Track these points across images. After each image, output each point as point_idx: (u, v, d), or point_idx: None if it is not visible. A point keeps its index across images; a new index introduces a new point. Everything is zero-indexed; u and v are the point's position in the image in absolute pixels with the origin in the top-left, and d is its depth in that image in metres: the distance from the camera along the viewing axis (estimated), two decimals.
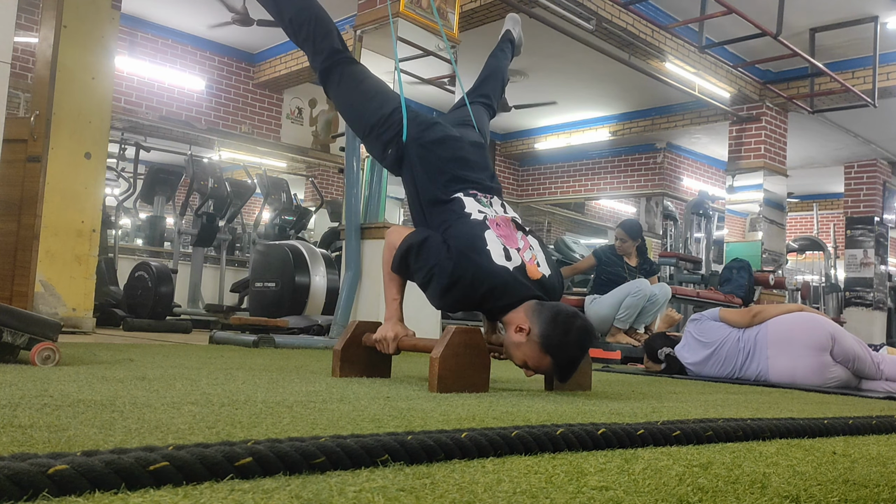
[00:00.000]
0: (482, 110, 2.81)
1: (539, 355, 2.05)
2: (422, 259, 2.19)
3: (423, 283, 2.22)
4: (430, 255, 2.18)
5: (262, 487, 0.78)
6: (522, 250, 2.21)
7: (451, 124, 2.59)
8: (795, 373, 3.31)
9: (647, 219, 11.48)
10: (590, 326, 2.13)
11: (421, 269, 2.20)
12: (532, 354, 2.06)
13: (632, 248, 5.56)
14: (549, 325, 2.04)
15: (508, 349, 2.15)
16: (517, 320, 2.10)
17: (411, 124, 2.46)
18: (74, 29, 4.33)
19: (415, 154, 2.43)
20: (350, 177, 4.87)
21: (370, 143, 2.58)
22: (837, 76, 7.45)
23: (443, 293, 2.15)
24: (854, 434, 1.57)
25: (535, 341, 2.04)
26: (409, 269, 2.25)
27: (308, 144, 9.88)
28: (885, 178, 11.35)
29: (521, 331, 2.08)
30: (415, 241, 2.23)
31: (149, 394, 1.57)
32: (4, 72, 2.69)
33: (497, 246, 2.17)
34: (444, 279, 2.13)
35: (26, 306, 3.99)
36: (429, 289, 2.21)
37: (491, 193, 2.40)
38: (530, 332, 2.05)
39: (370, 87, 2.57)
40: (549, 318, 2.05)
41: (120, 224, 7.80)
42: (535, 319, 2.07)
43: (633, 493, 0.87)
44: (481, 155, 2.52)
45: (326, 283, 5.56)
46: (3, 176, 4.22)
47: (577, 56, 7.94)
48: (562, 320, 2.04)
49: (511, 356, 2.15)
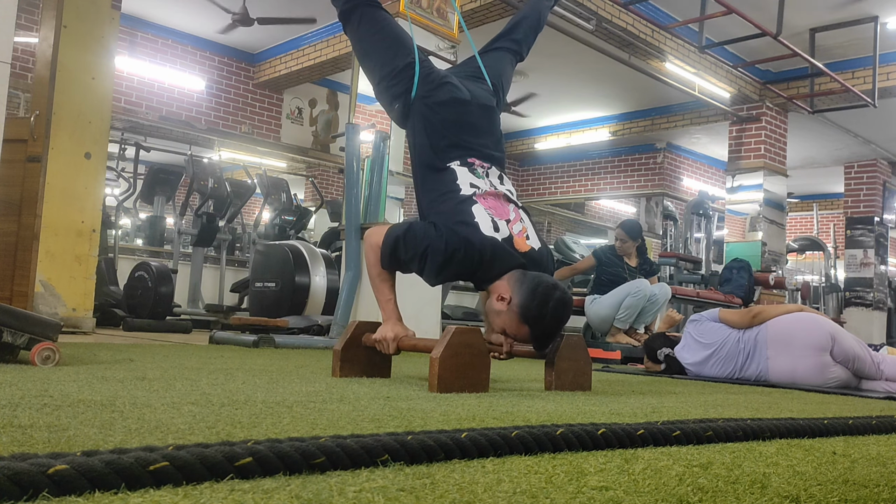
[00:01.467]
0: (507, 57, 2.73)
1: (517, 324, 2.13)
2: (411, 247, 2.21)
3: (419, 268, 2.24)
4: (419, 240, 2.20)
5: (262, 487, 0.78)
6: (512, 222, 2.24)
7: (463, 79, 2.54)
8: (795, 373, 3.31)
9: (647, 219, 11.48)
10: (568, 299, 2.17)
11: (414, 257, 2.21)
12: (511, 323, 2.14)
13: (632, 249, 5.56)
14: (529, 296, 2.10)
15: (488, 316, 2.23)
16: (500, 289, 2.16)
17: (422, 82, 2.43)
18: (74, 29, 4.33)
19: (420, 113, 2.42)
20: (350, 177, 4.87)
21: (380, 92, 2.57)
22: (837, 76, 7.45)
23: (440, 270, 2.19)
24: (854, 434, 1.57)
25: (514, 311, 2.11)
26: (399, 262, 2.26)
27: (308, 144, 9.88)
28: (885, 178, 11.35)
29: (502, 300, 2.14)
30: (399, 233, 2.24)
31: (149, 394, 1.57)
32: (4, 72, 2.69)
33: (485, 217, 2.20)
34: (438, 256, 2.16)
35: (26, 306, 3.99)
36: (425, 271, 2.23)
37: (490, 163, 2.38)
38: (511, 301, 2.12)
39: (388, 35, 2.53)
40: (529, 290, 2.10)
41: (120, 224, 7.80)
42: (516, 289, 2.13)
43: (633, 493, 0.87)
44: (489, 119, 2.49)
45: (326, 283, 5.55)
46: (3, 176, 4.22)
47: (577, 56, 7.94)
48: (541, 292, 2.10)
49: (490, 323, 2.23)
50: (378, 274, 2.31)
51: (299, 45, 8.68)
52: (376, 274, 2.32)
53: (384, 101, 2.56)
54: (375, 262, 2.30)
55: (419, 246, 2.19)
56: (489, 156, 2.39)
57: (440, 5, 5.36)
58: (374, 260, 2.30)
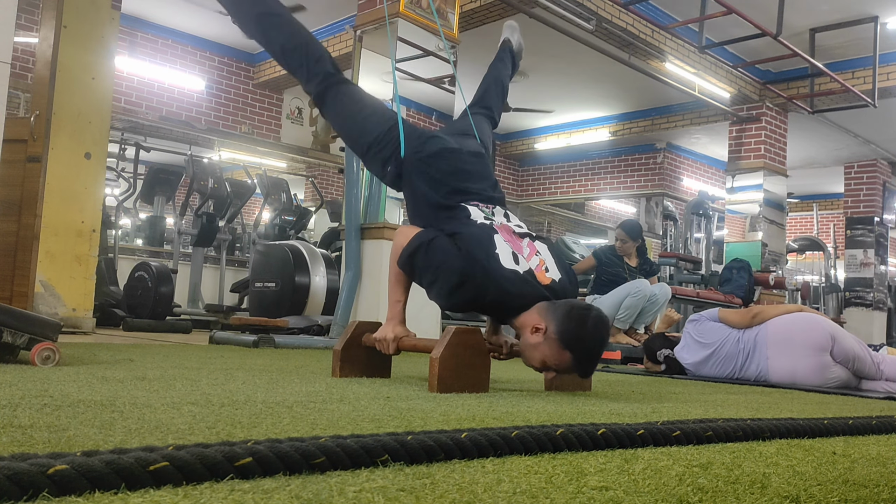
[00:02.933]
0: (483, 120, 2.81)
1: (558, 352, 2.04)
2: (430, 257, 2.17)
3: (429, 282, 2.19)
4: (438, 253, 2.15)
5: (262, 487, 0.78)
6: (528, 256, 2.20)
7: (449, 135, 2.59)
8: (795, 373, 3.31)
9: (647, 219, 11.48)
10: (605, 317, 2.11)
11: (428, 268, 2.17)
12: (551, 353, 2.05)
13: (632, 249, 5.56)
14: (565, 321, 2.03)
15: (526, 352, 2.12)
16: (531, 321, 2.09)
17: (409, 139, 2.46)
18: (74, 29, 4.33)
19: (414, 168, 2.43)
20: (350, 177, 4.87)
21: (369, 161, 2.58)
22: (837, 76, 7.45)
23: (451, 292, 2.12)
24: (854, 434, 1.57)
25: (553, 338, 2.03)
26: (413, 269, 2.22)
27: (308, 144, 9.88)
28: (885, 178, 11.35)
29: (537, 331, 2.06)
30: (424, 239, 2.21)
31: (149, 394, 1.57)
32: (4, 72, 2.69)
33: (506, 249, 2.16)
34: (453, 277, 2.10)
35: (26, 306, 3.99)
36: (435, 287, 2.17)
37: (493, 203, 2.40)
38: (546, 330, 2.04)
39: (365, 106, 2.58)
40: (563, 314, 2.04)
41: (120, 224, 7.80)
42: (549, 317, 2.06)
43: (633, 493, 0.87)
44: (482, 164, 2.52)
45: (326, 283, 5.55)
46: (3, 176, 4.22)
47: (577, 56, 7.94)
48: (576, 314, 2.04)
49: (529, 359, 2.13)
50: (395, 273, 2.28)
51: None
52: (394, 273, 2.29)
53: (375, 168, 2.57)
54: (394, 261, 2.28)
55: (436, 259, 2.15)
56: (490, 198, 2.42)
57: (440, 5, 5.36)
58: (394, 258, 2.28)
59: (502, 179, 12.36)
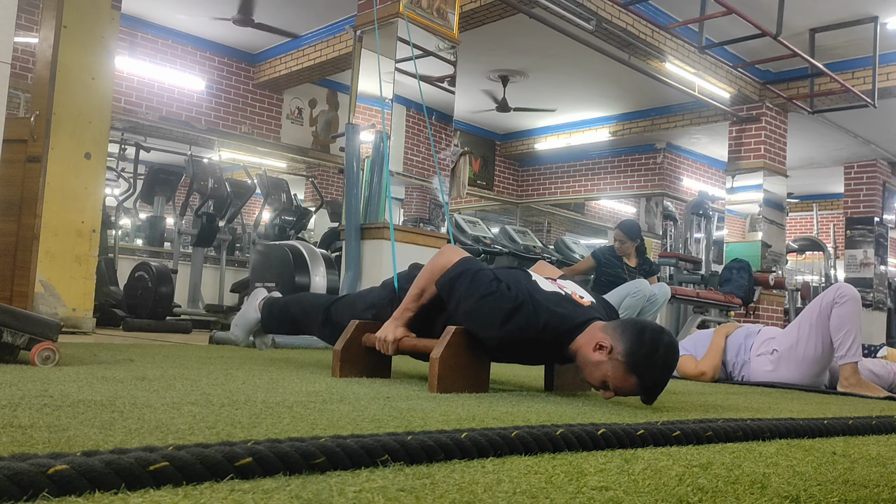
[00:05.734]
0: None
1: (623, 375, 1.90)
2: (474, 286, 2.09)
3: (469, 311, 2.09)
4: (483, 284, 2.09)
5: (262, 487, 0.78)
6: (561, 287, 2.21)
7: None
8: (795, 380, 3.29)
9: (647, 219, 11.48)
10: (676, 344, 1.99)
11: (471, 297, 2.08)
12: (615, 374, 1.91)
13: (631, 249, 5.56)
14: (636, 343, 1.90)
15: (586, 368, 2.00)
16: (595, 338, 1.97)
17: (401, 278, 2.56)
18: (74, 29, 4.33)
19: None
20: (350, 177, 4.87)
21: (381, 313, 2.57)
22: (837, 76, 7.45)
23: (505, 319, 2.02)
24: (854, 434, 1.57)
25: (619, 360, 1.90)
26: (452, 293, 2.14)
27: (308, 144, 9.88)
28: (885, 178, 11.34)
29: (601, 348, 1.94)
30: (470, 267, 2.16)
31: (149, 394, 1.57)
32: (4, 72, 2.69)
33: (542, 280, 2.19)
34: (506, 303, 2.02)
35: (26, 306, 3.98)
36: (482, 317, 2.06)
37: None
38: (612, 350, 1.91)
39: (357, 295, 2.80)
40: (634, 336, 1.91)
41: (120, 224, 7.79)
42: (617, 337, 1.93)
43: (633, 494, 0.87)
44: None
45: (326, 283, 5.55)
46: (3, 176, 4.22)
47: (577, 56, 7.94)
48: (649, 338, 1.91)
49: (589, 376, 2.01)
50: (422, 288, 2.24)
51: (299, 45, 8.68)
52: (421, 288, 2.24)
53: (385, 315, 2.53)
54: (433, 276, 2.22)
55: (481, 289, 2.08)
56: None
57: (440, 5, 5.36)
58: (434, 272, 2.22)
59: (502, 179, 12.36)
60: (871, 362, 3.37)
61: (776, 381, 3.24)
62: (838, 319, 3.04)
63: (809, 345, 3.14)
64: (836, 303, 3.07)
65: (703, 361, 3.44)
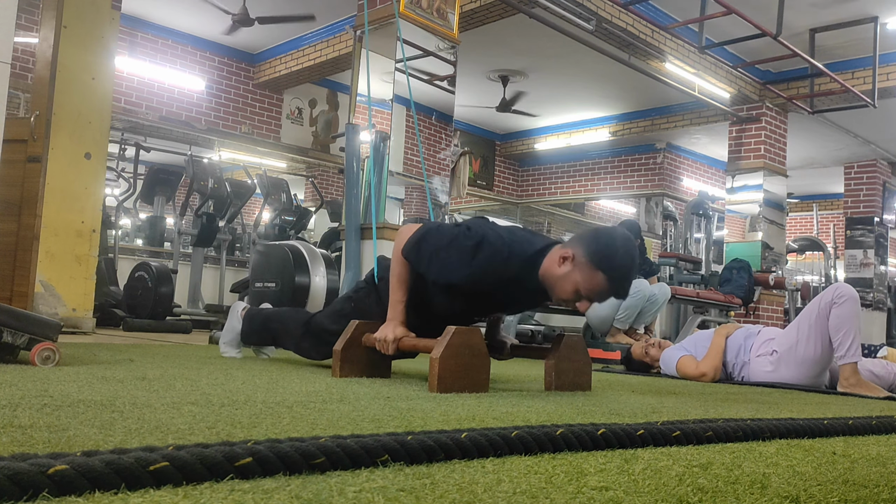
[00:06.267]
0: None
1: (590, 275, 2.03)
2: (439, 237, 2.19)
3: (441, 263, 2.16)
4: (445, 234, 2.20)
5: (262, 487, 0.78)
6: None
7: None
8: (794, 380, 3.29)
9: (647, 219, 11.47)
10: (630, 236, 2.12)
11: (439, 248, 2.17)
12: (583, 278, 2.04)
13: None
14: (593, 242, 2.05)
15: (555, 287, 2.11)
16: (557, 254, 2.10)
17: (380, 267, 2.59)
18: (74, 29, 4.33)
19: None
20: (350, 177, 4.87)
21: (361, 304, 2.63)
22: (837, 76, 7.45)
23: (472, 255, 2.12)
24: (854, 434, 1.57)
25: (583, 262, 2.03)
26: (420, 255, 2.21)
27: (308, 144, 9.88)
28: (885, 178, 11.34)
29: (564, 260, 2.07)
30: (429, 227, 2.26)
31: (149, 394, 1.57)
32: (4, 72, 2.69)
33: (498, 221, 2.34)
34: (469, 242, 2.13)
35: (26, 306, 3.98)
36: (450, 264, 2.15)
37: None
38: (574, 257, 2.05)
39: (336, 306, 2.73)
40: (590, 237, 2.07)
41: (120, 224, 7.79)
42: (575, 244, 2.07)
43: (633, 494, 0.87)
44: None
45: (326, 283, 5.55)
46: (3, 176, 4.22)
47: (577, 56, 7.93)
48: (603, 233, 2.08)
49: (560, 292, 2.10)
50: (398, 273, 2.27)
51: (299, 45, 8.68)
52: (396, 272, 2.27)
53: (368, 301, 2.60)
54: (397, 261, 2.26)
55: (445, 238, 2.18)
56: None
57: (440, 5, 5.36)
58: (396, 254, 2.27)
59: (502, 179, 12.36)
60: (871, 362, 3.36)
61: (776, 381, 3.24)
62: (837, 320, 3.03)
63: (809, 345, 3.14)
64: (834, 303, 3.06)
65: (703, 362, 3.44)
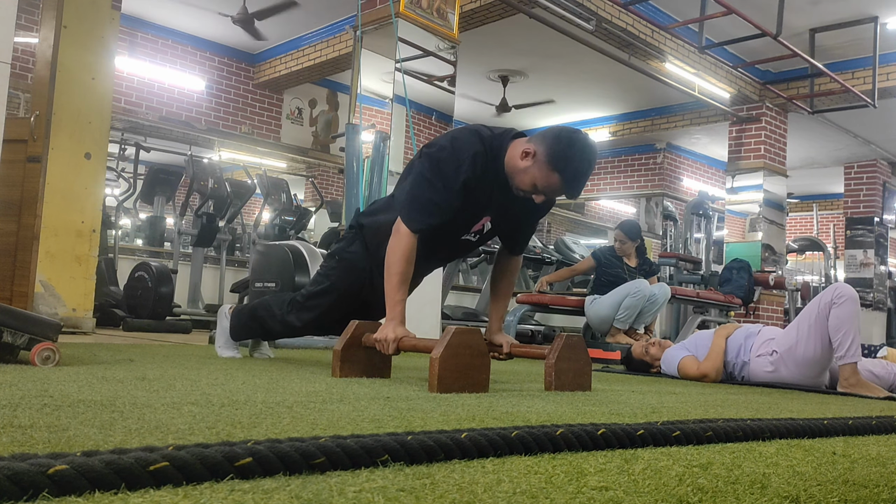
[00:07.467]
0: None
1: (547, 173, 2.15)
2: (421, 183, 2.27)
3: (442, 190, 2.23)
4: (426, 173, 2.28)
5: (262, 487, 0.78)
6: None
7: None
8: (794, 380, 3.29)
9: (647, 219, 11.47)
10: (593, 142, 2.23)
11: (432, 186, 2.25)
12: (540, 174, 2.16)
13: (631, 249, 5.56)
14: (554, 142, 2.15)
15: (515, 178, 2.23)
16: (520, 147, 2.20)
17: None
18: (74, 29, 4.33)
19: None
20: (350, 177, 4.87)
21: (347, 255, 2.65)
22: (837, 76, 7.45)
23: (457, 163, 2.20)
24: (854, 434, 1.57)
25: (542, 160, 2.14)
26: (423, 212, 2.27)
27: (308, 145, 9.88)
28: (885, 178, 11.34)
29: (526, 155, 2.17)
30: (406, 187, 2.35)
31: (149, 394, 1.57)
32: (4, 72, 2.69)
33: None
34: (443, 153, 2.23)
35: (26, 306, 3.98)
36: (440, 177, 2.22)
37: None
38: (535, 154, 2.15)
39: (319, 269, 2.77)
40: (552, 137, 2.16)
41: (120, 224, 7.79)
42: (538, 142, 2.17)
43: (633, 494, 0.87)
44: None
45: None
46: (3, 176, 4.22)
47: (577, 56, 7.94)
48: (566, 135, 2.16)
49: (520, 183, 2.22)
50: (395, 273, 2.26)
51: (299, 45, 8.68)
52: (393, 273, 2.26)
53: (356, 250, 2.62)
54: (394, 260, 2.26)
55: (430, 168, 2.25)
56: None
57: (440, 5, 5.36)
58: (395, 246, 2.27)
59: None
60: (871, 362, 3.36)
61: (776, 381, 3.24)
62: (836, 320, 3.03)
63: (809, 345, 3.14)
64: (834, 303, 3.06)
65: (704, 363, 3.44)
